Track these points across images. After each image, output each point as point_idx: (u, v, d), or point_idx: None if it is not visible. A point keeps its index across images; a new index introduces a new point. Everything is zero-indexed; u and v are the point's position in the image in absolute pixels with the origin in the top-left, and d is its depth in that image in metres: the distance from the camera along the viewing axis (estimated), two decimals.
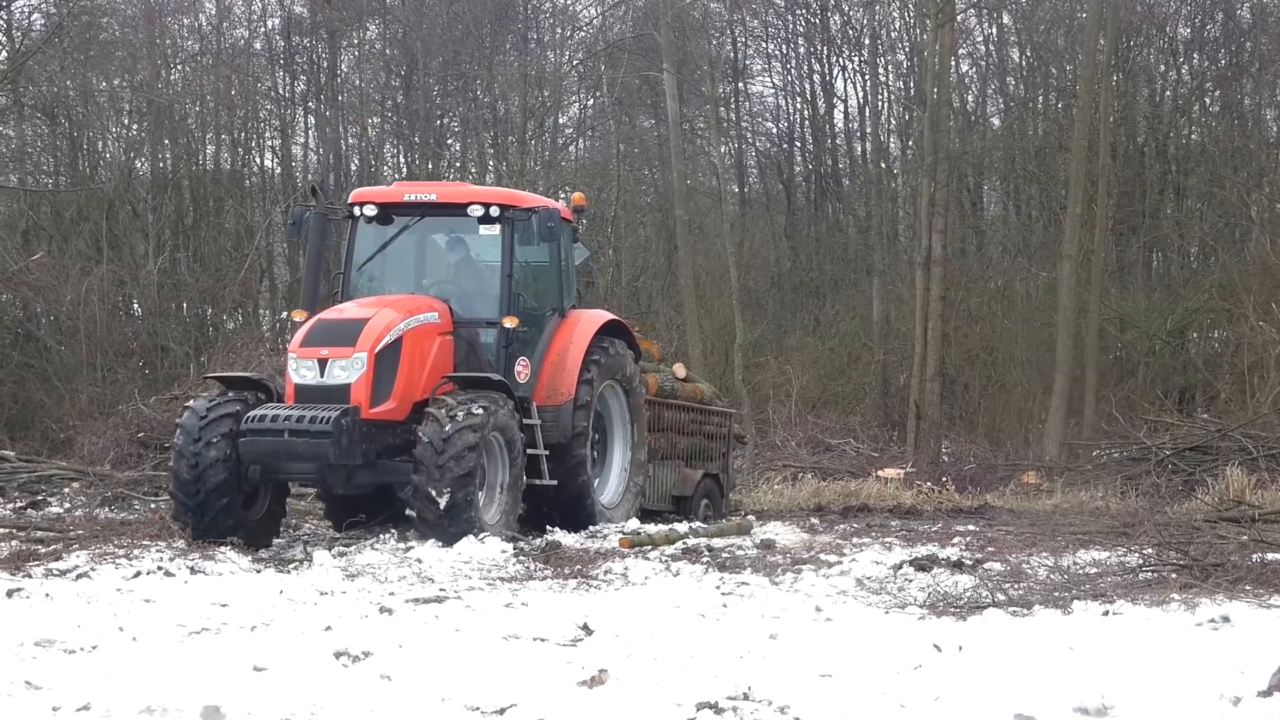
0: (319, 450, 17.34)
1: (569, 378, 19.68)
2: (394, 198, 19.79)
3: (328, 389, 17.84)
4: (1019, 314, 36.70)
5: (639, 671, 9.27)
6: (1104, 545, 17.13)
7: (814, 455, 30.45)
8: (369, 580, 14.85)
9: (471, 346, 19.13)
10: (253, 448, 17.56)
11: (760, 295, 42.08)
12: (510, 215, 19.29)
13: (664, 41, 33.54)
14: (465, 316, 19.24)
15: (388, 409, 18.01)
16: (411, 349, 18.28)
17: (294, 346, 18.33)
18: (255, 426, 17.52)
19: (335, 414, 17.35)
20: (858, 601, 13.59)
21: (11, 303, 35.44)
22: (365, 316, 18.23)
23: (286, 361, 18.48)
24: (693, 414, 23.27)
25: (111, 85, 40.91)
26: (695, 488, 22.62)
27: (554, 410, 19.52)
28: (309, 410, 17.51)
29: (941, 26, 32.84)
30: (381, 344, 17.94)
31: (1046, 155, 39.58)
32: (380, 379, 17.95)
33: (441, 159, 44.33)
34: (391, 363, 18.05)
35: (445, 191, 20.22)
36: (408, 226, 19.79)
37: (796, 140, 48.46)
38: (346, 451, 17.47)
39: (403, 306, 18.60)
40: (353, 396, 17.76)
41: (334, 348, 17.93)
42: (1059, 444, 29.91)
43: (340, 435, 17.35)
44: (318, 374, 17.91)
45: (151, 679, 8.95)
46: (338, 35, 45.58)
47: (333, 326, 18.29)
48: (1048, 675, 8.75)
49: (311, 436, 17.33)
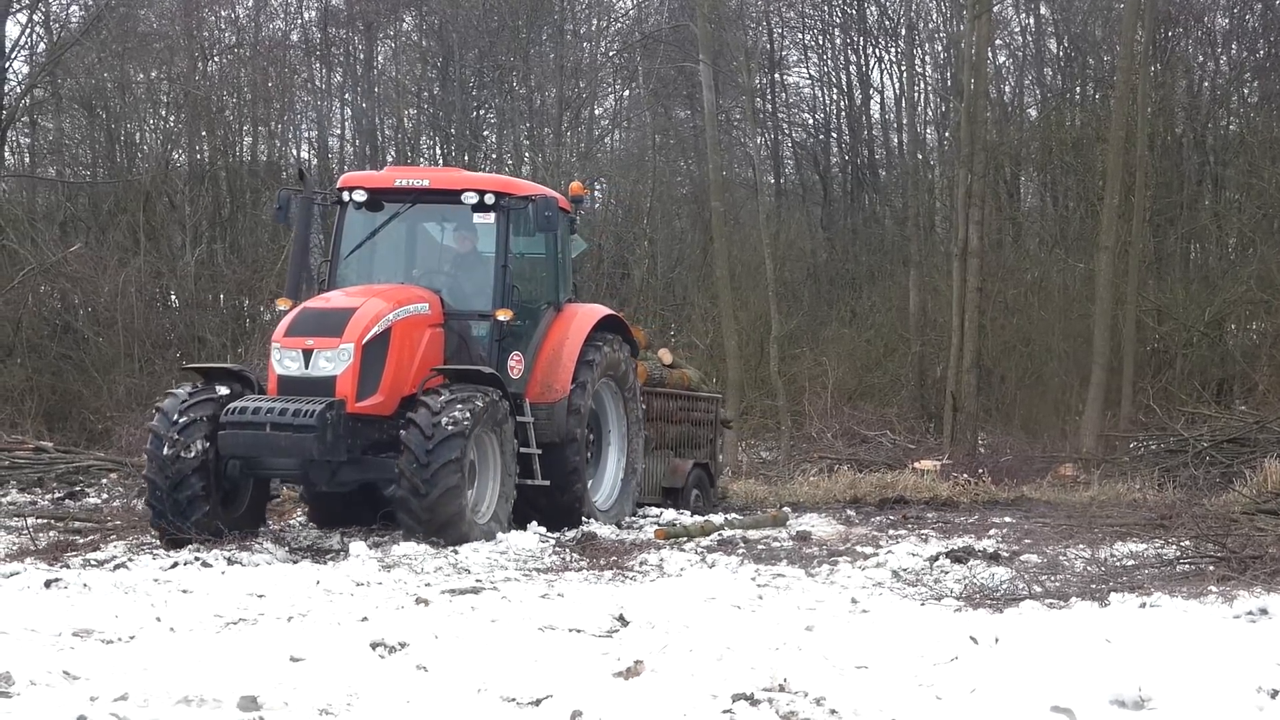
0: (302, 445, 16.65)
1: (564, 374, 19.11)
2: (385, 183, 19.14)
3: (312, 381, 17.16)
4: (1056, 305, 36.56)
5: (674, 663, 9.26)
6: (1141, 537, 17.07)
7: (850, 447, 30.40)
8: (405, 571, 14.88)
9: (463, 340, 18.49)
10: (233, 441, 16.86)
11: (796, 287, 42.01)
12: (506, 204, 18.70)
13: (700, 32, 33.49)
14: (457, 308, 18.61)
15: (375, 403, 17.37)
16: (400, 341, 17.66)
17: (278, 336, 17.61)
18: (236, 419, 16.85)
19: (320, 407, 16.68)
20: (894, 593, 13.58)
21: (50, 294, 35.59)
22: (353, 306, 17.62)
23: (270, 351, 17.77)
24: (680, 401, 22.89)
25: (149, 77, 41.03)
26: (686, 478, 22.31)
27: (548, 408, 18.93)
28: (292, 403, 16.84)
29: (979, 17, 32.73)
30: (369, 335, 17.31)
31: (1084, 146, 39.40)
32: (367, 371, 17.31)
33: (477, 151, 44.37)
34: (379, 355, 17.42)
35: (439, 178, 19.55)
36: (399, 214, 19.19)
37: (833, 131, 48.42)
38: (331, 447, 16.79)
39: (392, 296, 17.99)
40: (338, 389, 17.09)
41: (320, 338, 17.26)
42: (1096, 436, 29.77)
43: (325, 429, 16.66)
44: (302, 365, 17.25)
45: (189, 669, 8.97)
46: (374, 27, 45.66)
47: (319, 316, 17.64)
48: (1084, 667, 8.72)
49: (295, 430, 16.64)
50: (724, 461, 26.57)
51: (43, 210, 39.88)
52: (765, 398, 34.92)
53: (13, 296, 33.57)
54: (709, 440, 23.58)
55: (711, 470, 23.41)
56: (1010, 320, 36.97)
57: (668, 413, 22.45)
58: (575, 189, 20.64)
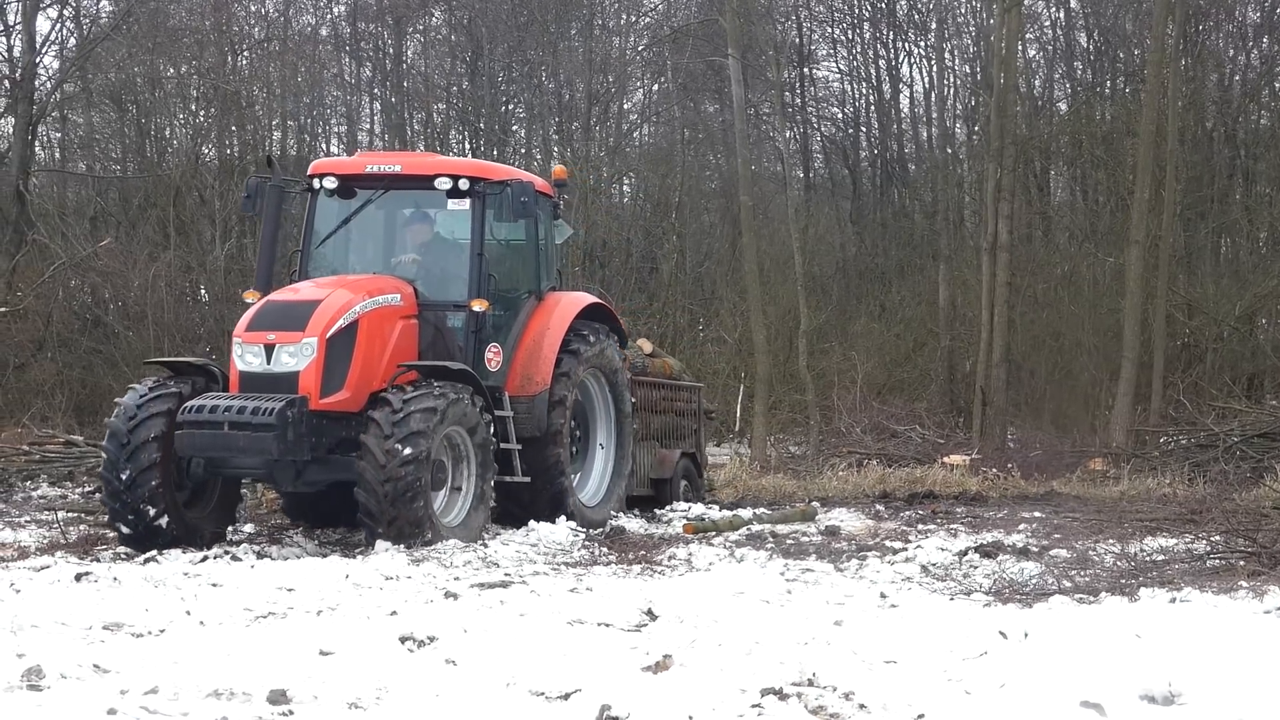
0: (262, 444, 15.89)
1: (544, 366, 18.35)
2: (356, 169, 18.38)
3: (274, 377, 16.40)
4: (1086, 300, 36.47)
5: (703, 657, 9.26)
6: (1171, 532, 17.02)
7: (879, 442, 30.35)
8: (434, 565, 14.89)
9: (439, 331, 17.74)
10: (190, 441, 16.12)
11: (825, 281, 42.01)
12: (481, 188, 17.86)
13: (729, 26, 33.45)
14: (432, 298, 17.83)
15: (341, 399, 16.56)
16: (369, 334, 16.87)
17: (239, 330, 16.83)
18: (193, 418, 16.09)
19: (280, 405, 15.93)
20: (923, 588, 13.56)
21: (80, 289, 35.71)
22: (317, 298, 16.82)
23: (231, 346, 16.97)
24: (664, 391, 22.47)
25: (179, 72, 41.11)
26: (674, 469, 22.00)
27: (528, 401, 18.17)
28: (251, 400, 16.10)
29: (1009, 11, 32.65)
30: (334, 328, 16.52)
31: (1114, 140, 39.30)
32: (332, 366, 16.52)
33: (506, 145, 44.41)
34: (345, 349, 16.63)
35: (411, 162, 18.66)
36: (371, 200, 18.44)
37: (862, 125, 48.40)
38: (293, 446, 16.03)
39: (360, 287, 17.21)
40: (301, 385, 16.31)
41: (282, 332, 16.50)
42: (1126, 431, 29.68)
43: (286, 428, 15.91)
44: (264, 360, 16.48)
45: (218, 663, 8.99)
46: (403, 22, 45.75)
47: (282, 309, 16.86)
48: (1114, 663, 8.70)
49: (254, 429, 15.90)
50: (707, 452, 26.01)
51: (73, 205, 40.05)
52: (794, 392, 34.90)
53: (43, 291, 33.69)
54: (694, 430, 23.21)
55: (699, 460, 23.10)
56: (1040, 315, 36.89)
57: (651, 402, 21.99)
58: (558, 173, 19.96)
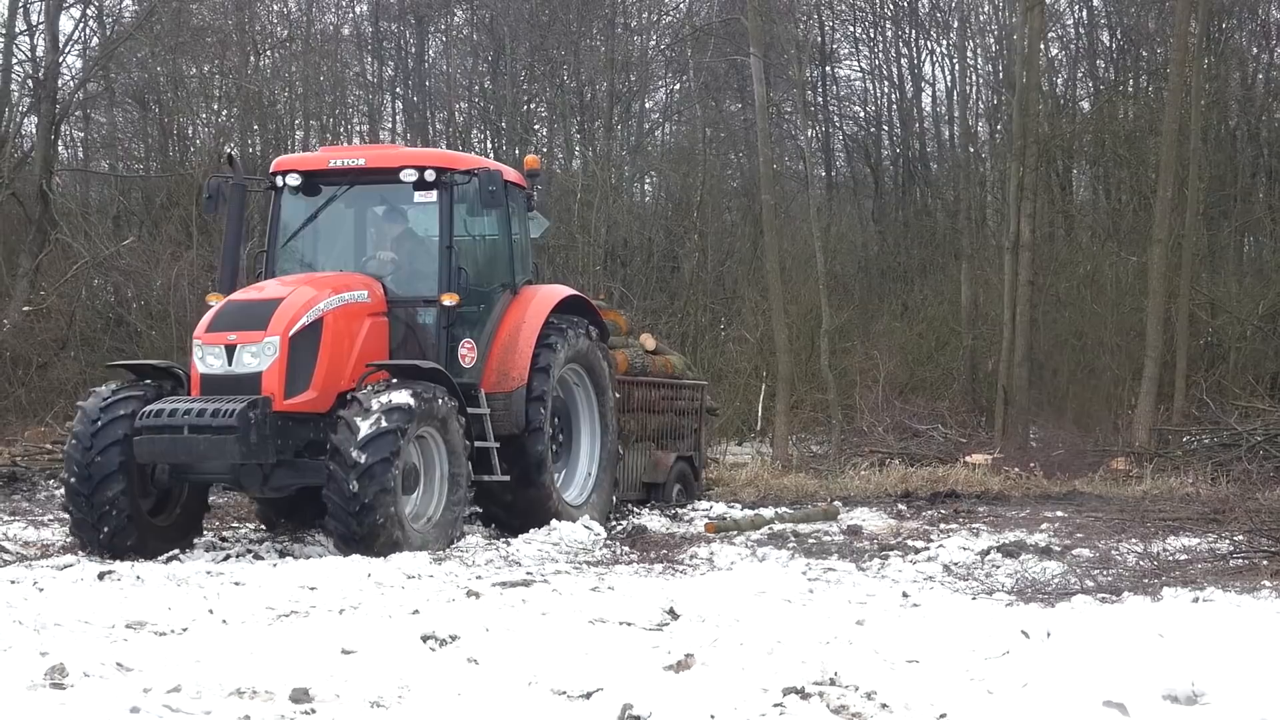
0: (223, 447, 15.43)
1: (520, 361, 17.84)
2: (319, 165, 17.88)
3: (236, 378, 15.94)
4: (1108, 299, 36.36)
5: (725, 656, 9.26)
6: (1194, 532, 17.01)
7: (901, 441, 30.33)
8: (456, 564, 14.92)
9: (410, 329, 17.30)
10: (149, 447, 15.66)
11: (847, 280, 41.93)
12: (447, 180, 17.39)
13: (751, 25, 33.40)
14: (401, 295, 17.39)
15: (306, 400, 16.12)
16: (334, 332, 16.42)
17: (199, 331, 16.41)
18: (151, 422, 15.62)
19: (241, 406, 15.44)
20: (945, 587, 13.56)
21: (103, 287, 35.79)
22: (279, 296, 16.39)
23: (191, 348, 16.48)
24: (664, 390, 22.10)
25: (201, 71, 41.22)
26: (668, 472, 21.69)
27: (504, 397, 17.68)
28: (212, 403, 15.61)
29: (1031, 9, 32.59)
30: (297, 327, 16.07)
31: (1137, 139, 39.19)
32: (296, 366, 16.06)
33: (528, 144, 44.41)
34: (310, 348, 16.18)
35: (375, 155, 18.11)
36: (336, 196, 17.95)
37: (884, 124, 48.31)
38: (256, 449, 15.56)
39: (325, 284, 16.77)
40: (264, 386, 15.86)
41: (243, 332, 16.05)
42: (1148, 429, 29.61)
43: (247, 430, 15.43)
44: (225, 362, 16.03)
45: (241, 661, 9.01)
46: (425, 21, 45.80)
47: (243, 308, 16.41)
48: (1137, 662, 8.68)
49: (214, 432, 15.40)
50: (708, 452, 25.85)
51: (96, 204, 40.14)
52: (816, 391, 34.83)
53: (66, 290, 33.77)
54: (693, 430, 22.87)
55: (695, 463, 22.72)
56: (1062, 313, 36.79)
57: (650, 402, 21.67)
58: (530, 163, 19.38)
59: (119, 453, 15.78)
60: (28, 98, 36.76)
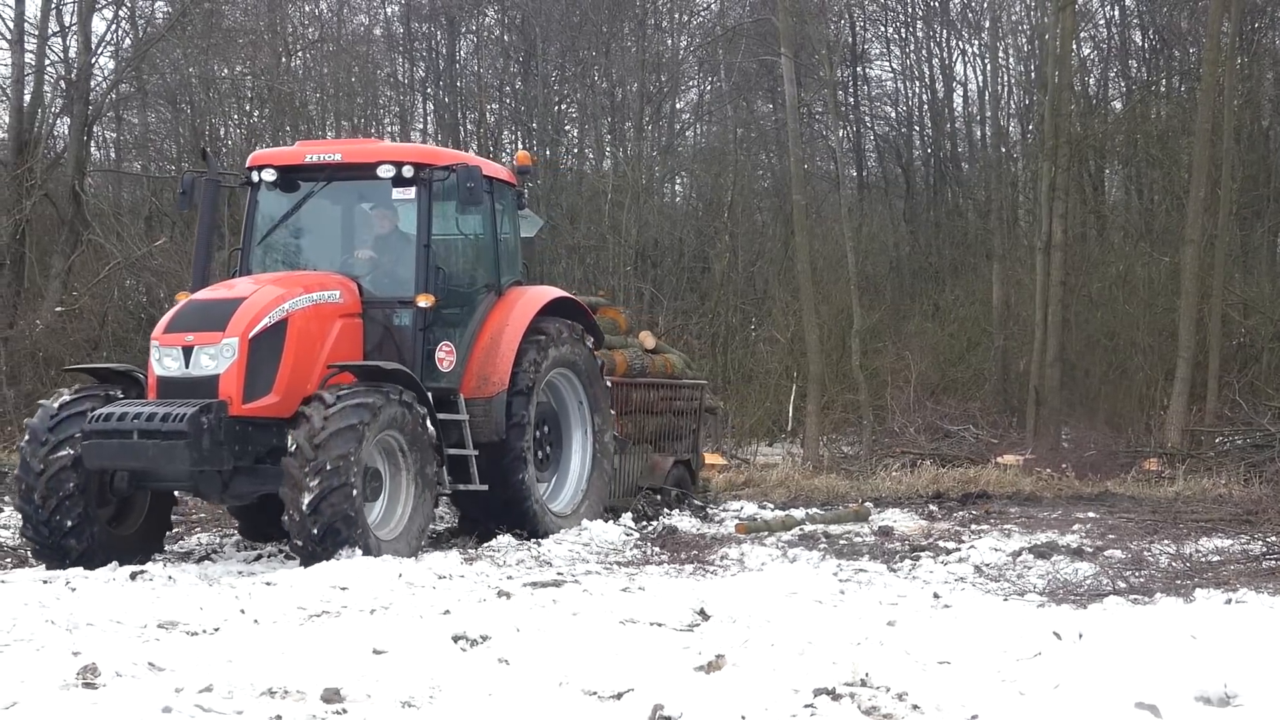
0: (172, 454, 14.74)
1: (502, 365, 17.12)
2: (295, 159, 17.18)
3: (193, 381, 15.23)
4: (1140, 299, 36.25)
5: (756, 657, 9.25)
6: (1227, 533, 16.97)
7: (932, 441, 30.28)
8: (487, 564, 14.93)
9: (388, 331, 16.56)
10: (96, 452, 14.99)
11: (878, 280, 41.88)
12: (426, 175, 16.66)
13: (782, 26, 33.38)
14: (378, 295, 16.65)
15: (268, 404, 15.38)
16: (300, 333, 15.71)
17: (157, 331, 15.69)
18: (100, 426, 14.97)
19: (193, 411, 14.75)
20: (976, 589, 13.54)
21: (135, 288, 35.89)
22: (241, 296, 15.72)
23: (150, 350, 15.72)
24: (662, 391, 21.47)
25: (233, 72, 41.31)
26: (665, 477, 21.00)
27: (484, 403, 16.98)
28: (163, 407, 14.93)
29: (1063, 9, 32.52)
30: (258, 328, 15.38)
31: (1169, 139, 39.06)
32: (257, 369, 15.34)
33: (559, 145, 44.45)
34: (273, 350, 15.48)
35: (352, 150, 17.27)
36: (313, 192, 17.22)
37: (915, 124, 48.22)
38: (209, 455, 14.87)
39: (295, 283, 16.12)
40: (222, 389, 15.15)
41: (201, 333, 15.37)
42: (1181, 430, 29.53)
43: (199, 436, 14.75)
44: (182, 364, 15.33)
45: (272, 661, 9.03)
46: (456, 21, 45.83)
47: (202, 308, 15.74)
48: (1169, 664, 8.65)
49: (163, 438, 14.73)
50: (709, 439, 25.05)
51: (128, 205, 40.28)
52: (847, 392, 34.79)
53: (99, 290, 33.89)
54: (691, 431, 22.22)
55: (693, 466, 22.09)
56: (1094, 314, 36.69)
57: (648, 404, 21.09)
58: (521, 159, 18.85)
59: (73, 459, 15.20)
60: (60, 99, 36.90)
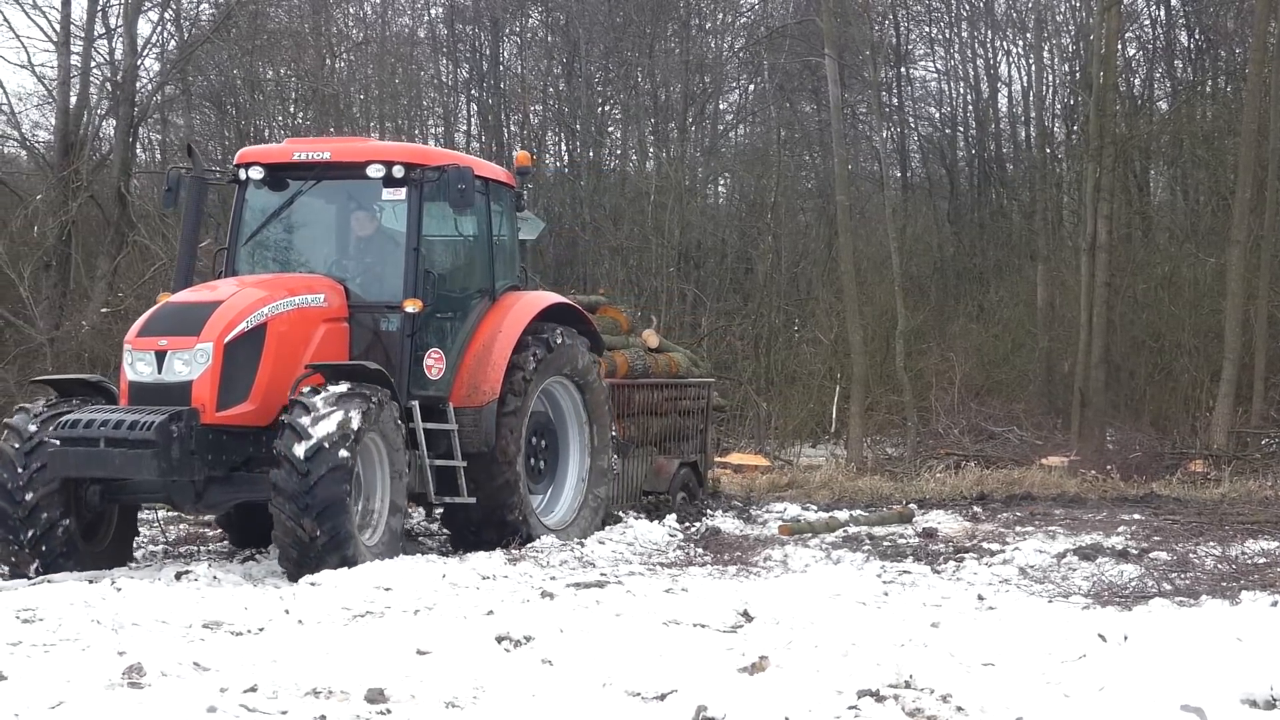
0: (139, 463, 14.18)
1: (493, 373, 16.46)
2: (283, 157, 16.67)
3: (165, 387, 14.71)
4: (1186, 300, 36.11)
5: (800, 659, 9.25)
6: (1273, 535, 16.89)
7: (977, 443, 30.20)
8: (531, 565, 14.94)
9: (376, 336, 16.00)
10: (63, 460, 14.41)
11: (922, 281, 41.78)
12: (417, 176, 16.07)
13: (826, 26, 33.34)
14: (366, 299, 16.12)
15: (243, 412, 14.87)
16: (280, 339, 15.19)
17: (130, 335, 15.20)
18: (67, 434, 14.42)
19: (162, 418, 14.20)
20: (1021, 590, 13.51)
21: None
22: (218, 299, 15.17)
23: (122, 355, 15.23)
24: (666, 391, 20.92)
25: (278, 74, 41.42)
26: (671, 480, 20.39)
27: (474, 413, 16.29)
28: (131, 414, 14.40)
29: (1108, 9, 32.41)
30: (234, 332, 14.85)
31: (1215, 139, 38.91)
32: (232, 375, 14.82)
33: (602, 146, 44.47)
34: (250, 355, 14.96)
35: (341, 149, 16.72)
36: (301, 191, 16.68)
37: (959, 125, 48.10)
38: (178, 465, 14.30)
39: (278, 286, 15.62)
40: (195, 396, 14.62)
41: (174, 337, 14.83)
42: (1227, 432, 29.40)
43: (168, 444, 14.18)
44: (155, 369, 14.80)
45: (317, 661, 9.05)
46: (500, 23, 45.88)
47: (177, 311, 15.19)
48: (1215, 666, 8.62)
49: (130, 446, 14.15)
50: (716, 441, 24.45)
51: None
52: (891, 393, 34.73)
53: (144, 292, 33.94)
54: (698, 432, 21.68)
55: (700, 468, 21.52)
56: (1139, 315, 36.56)
57: (651, 405, 20.53)
58: (521, 159, 18.24)
59: (53, 474, 14.64)
60: (106, 101, 37.01)
